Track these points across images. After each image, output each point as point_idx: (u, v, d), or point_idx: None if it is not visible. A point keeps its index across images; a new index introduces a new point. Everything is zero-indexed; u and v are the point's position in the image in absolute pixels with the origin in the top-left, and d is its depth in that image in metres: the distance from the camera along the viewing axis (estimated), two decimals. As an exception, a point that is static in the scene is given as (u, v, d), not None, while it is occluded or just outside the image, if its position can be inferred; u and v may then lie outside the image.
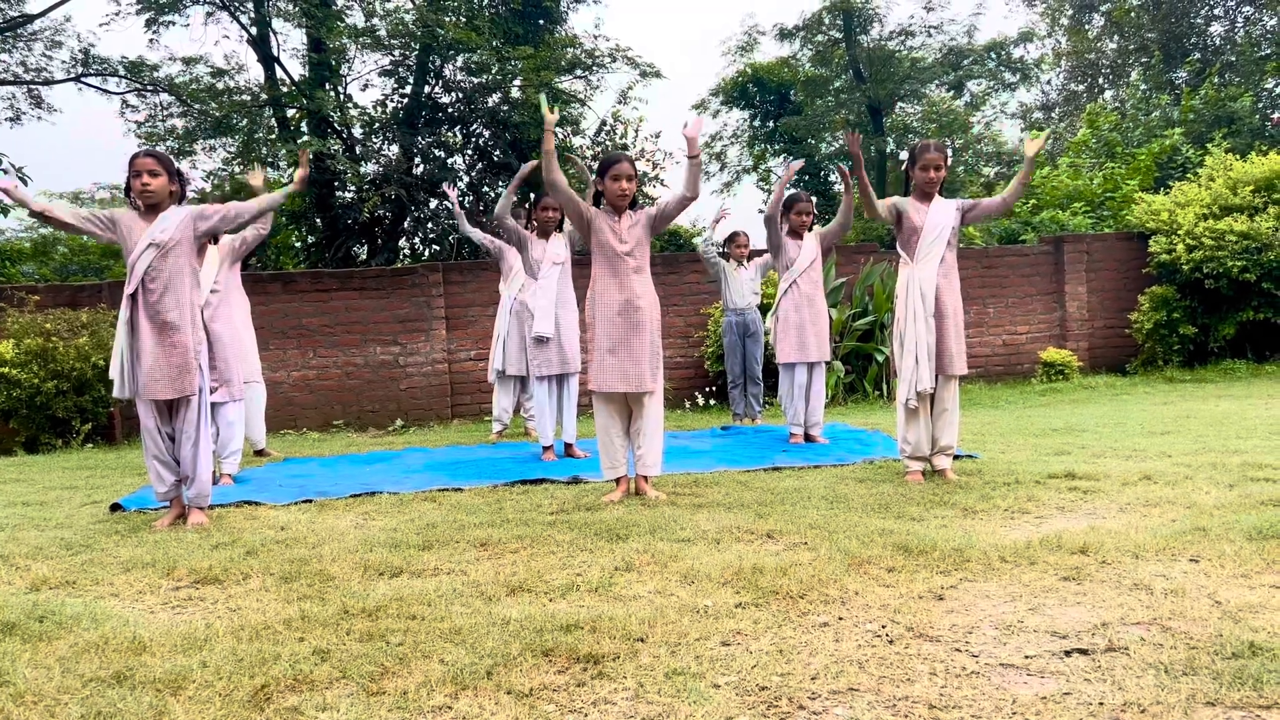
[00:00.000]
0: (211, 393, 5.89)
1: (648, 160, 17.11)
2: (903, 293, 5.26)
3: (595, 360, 5.05)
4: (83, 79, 15.51)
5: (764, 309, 8.75)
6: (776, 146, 25.39)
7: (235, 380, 6.10)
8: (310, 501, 5.39)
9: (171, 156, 5.05)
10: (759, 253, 8.75)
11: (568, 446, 6.93)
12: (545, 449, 6.79)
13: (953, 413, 5.26)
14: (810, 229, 7.30)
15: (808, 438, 7.18)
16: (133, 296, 4.66)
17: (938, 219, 5.21)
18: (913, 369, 5.14)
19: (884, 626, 2.71)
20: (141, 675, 2.48)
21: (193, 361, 4.69)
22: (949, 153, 5.39)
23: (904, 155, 23.91)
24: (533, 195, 9.22)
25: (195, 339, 4.74)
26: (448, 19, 14.26)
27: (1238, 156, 12.72)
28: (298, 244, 17.91)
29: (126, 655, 2.65)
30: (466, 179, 16.24)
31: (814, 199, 7.55)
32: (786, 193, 7.14)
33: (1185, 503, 4.20)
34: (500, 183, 16.22)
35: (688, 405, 11.10)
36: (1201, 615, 2.68)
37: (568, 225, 6.89)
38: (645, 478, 5.10)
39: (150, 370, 4.65)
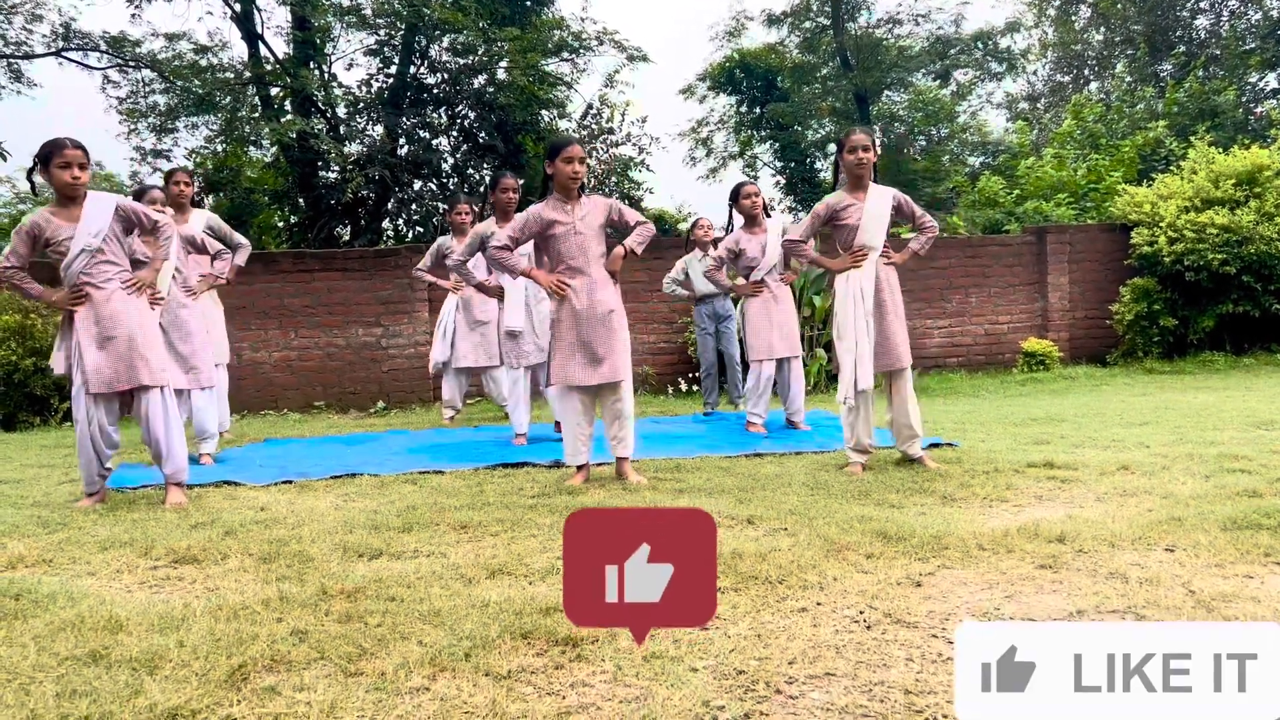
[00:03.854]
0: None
1: (634, 145, 17.06)
2: (842, 290, 5.18)
3: (563, 354, 5.01)
4: (63, 54, 15.34)
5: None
6: (763, 133, 25.37)
7: (203, 367, 6.05)
8: (290, 482, 5.37)
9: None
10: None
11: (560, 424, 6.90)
12: (518, 435, 6.79)
13: (912, 399, 5.23)
14: (769, 216, 7.20)
15: (790, 424, 7.19)
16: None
17: (874, 209, 5.14)
18: (852, 368, 5.10)
19: (862, 612, 2.72)
20: (117, 654, 2.47)
21: (145, 348, 4.65)
22: (876, 139, 5.33)
23: (896, 144, 24.07)
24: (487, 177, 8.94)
25: (144, 327, 4.70)
26: (434, -1, 14.16)
27: (1220, 150, 12.77)
28: (280, 224, 17.79)
29: (102, 634, 2.64)
30: (451, 160, 16.16)
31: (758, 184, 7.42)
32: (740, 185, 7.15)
33: (1162, 493, 4.23)
34: (485, 165, 16.14)
35: (670, 391, 11.10)
36: (1176, 604, 2.70)
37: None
38: (625, 459, 5.09)
39: (98, 364, 4.61)
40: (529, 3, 16.44)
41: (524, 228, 5.08)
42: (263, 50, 15.30)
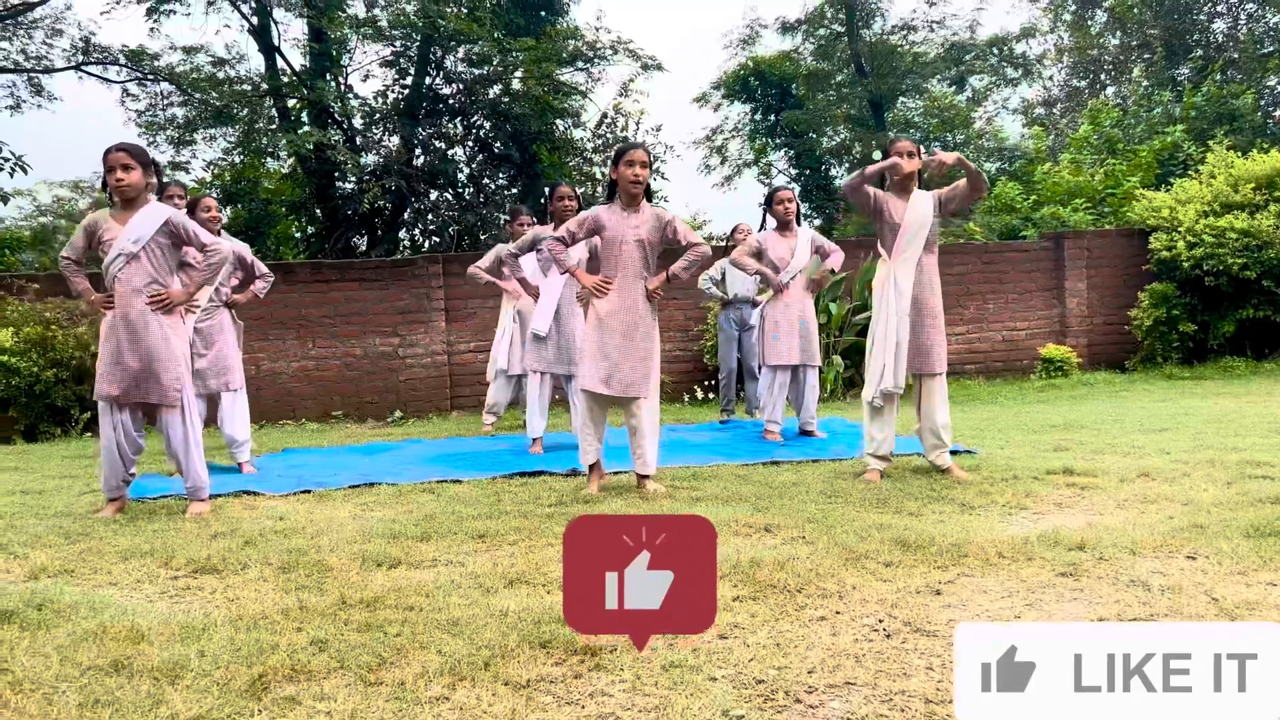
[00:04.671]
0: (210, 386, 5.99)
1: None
2: (879, 290, 5.19)
3: (586, 358, 5.05)
4: (83, 67, 15.46)
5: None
6: (778, 140, 25.33)
7: (234, 369, 6.15)
8: (309, 492, 5.39)
9: (146, 148, 5.09)
10: None
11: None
12: (534, 441, 6.80)
13: (942, 406, 5.19)
14: (799, 222, 7.22)
15: (804, 432, 7.18)
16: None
17: (917, 214, 5.12)
18: (881, 368, 5.10)
19: (881, 621, 2.71)
20: (139, 664, 2.48)
21: (159, 367, 4.67)
22: (921, 147, 5.32)
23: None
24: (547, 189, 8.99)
25: (165, 345, 4.70)
26: (449, 9, 14.23)
27: (1239, 154, 12.68)
28: (297, 234, 17.89)
29: (124, 644, 2.65)
30: (467, 170, 16.22)
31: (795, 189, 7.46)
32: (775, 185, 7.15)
33: (1183, 500, 4.20)
34: (500, 175, 16.19)
35: (686, 399, 11.10)
36: (1198, 612, 2.68)
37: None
38: (645, 478, 5.07)
39: (110, 371, 4.65)
40: (543, 12, 16.51)
41: (582, 223, 5.16)
42: (280, 63, 15.40)
